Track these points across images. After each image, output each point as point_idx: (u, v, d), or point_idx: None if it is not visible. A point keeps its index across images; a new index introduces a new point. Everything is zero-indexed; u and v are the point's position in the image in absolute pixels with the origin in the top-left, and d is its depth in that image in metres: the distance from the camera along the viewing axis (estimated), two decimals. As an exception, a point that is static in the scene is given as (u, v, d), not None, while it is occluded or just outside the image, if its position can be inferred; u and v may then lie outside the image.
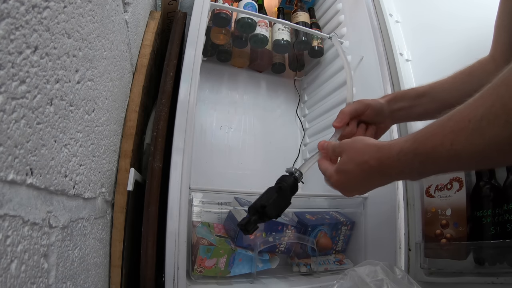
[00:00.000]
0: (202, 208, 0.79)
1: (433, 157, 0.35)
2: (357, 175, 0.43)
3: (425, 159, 0.35)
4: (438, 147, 0.34)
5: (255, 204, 0.44)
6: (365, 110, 0.56)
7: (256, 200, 0.45)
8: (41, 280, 0.27)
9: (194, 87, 0.63)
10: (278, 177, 0.49)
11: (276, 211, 0.44)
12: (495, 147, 0.29)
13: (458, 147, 0.32)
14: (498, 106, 0.28)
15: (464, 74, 0.54)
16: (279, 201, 0.44)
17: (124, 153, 0.56)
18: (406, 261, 0.68)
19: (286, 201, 0.45)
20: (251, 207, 0.44)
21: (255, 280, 0.68)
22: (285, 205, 0.45)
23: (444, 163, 0.34)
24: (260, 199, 0.45)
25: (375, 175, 0.41)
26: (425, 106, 0.56)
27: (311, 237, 0.78)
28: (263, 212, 0.43)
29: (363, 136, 0.46)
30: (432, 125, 0.36)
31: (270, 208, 0.43)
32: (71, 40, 0.31)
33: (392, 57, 0.82)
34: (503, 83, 0.29)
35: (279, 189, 0.45)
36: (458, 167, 0.39)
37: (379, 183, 0.43)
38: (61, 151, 0.31)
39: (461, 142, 0.32)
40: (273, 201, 0.43)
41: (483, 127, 0.30)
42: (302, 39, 1.01)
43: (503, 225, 0.55)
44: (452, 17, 0.73)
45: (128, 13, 0.56)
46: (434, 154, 0.34)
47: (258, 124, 1.10)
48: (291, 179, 0.47)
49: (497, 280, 0.54)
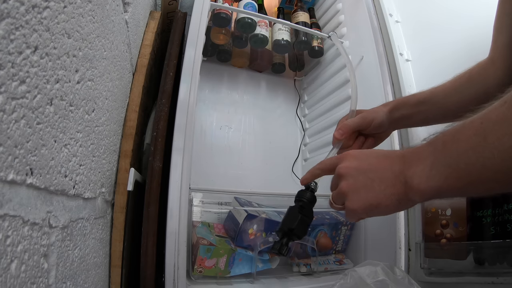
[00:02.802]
0: (202, 208, 0.79)
1: (458, 139, 0.32)
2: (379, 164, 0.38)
3: (452, 141, 0.32)
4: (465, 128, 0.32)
5: (283, 227, 0.47)
6: (367, 127, 0.55)
7: (282, 222, 0.48)
8: (41, 280, 0.27)
9: (194, 87, 0.62)
10: (278, 177, 0.49)
11: (304, 229, 0.46)
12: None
13: (487, 126, 0.30)
14: None
15: (464, 78, 0.53)
16: (305, 219, 0.46)
17: (124, 153, 0.56)
18: (406, 261, 0.68)
19: (310, 216, 0.47)
20: (279, 230, 0.47)
21: (255, 280, 0.68)
22: (310, 220, 0.48)
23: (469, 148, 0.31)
24: (286, 222, 0.47)
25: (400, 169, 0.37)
26: (427, 113, 0.55)
27: (311, 237, 0.78)
28: (292, 233, 0.46)
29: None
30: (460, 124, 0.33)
31: (298, 229, 0.46)
32: (71, 40, 0.31)
33: (392, 57, 0.82)
34: None
35: (301, 208, 0.47)
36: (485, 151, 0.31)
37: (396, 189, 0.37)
38: (61, 151, 0.31)
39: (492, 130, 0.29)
40: (299, 222, 0.46)
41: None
42: (302, 39, 1.01)
43: (503, 225, 0.55)
44: (452, 16, 0.73)
45: (128, 13, 0.56)
46: (460, 134, 0.32)
47: (258, 124, 1.10)
48: (308, 193, 0.48)
49: (497, 280, 0.54)
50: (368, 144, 0.56)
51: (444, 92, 0.54)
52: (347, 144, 0.55)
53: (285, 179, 1.06)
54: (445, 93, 0.54)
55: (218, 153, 1.01)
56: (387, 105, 0.58)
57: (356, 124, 0.54)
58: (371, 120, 0.54)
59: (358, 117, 0.55)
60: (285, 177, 1.06)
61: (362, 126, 0.54)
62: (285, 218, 0.47)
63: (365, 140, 0.56)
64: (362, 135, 0.56)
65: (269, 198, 0.85)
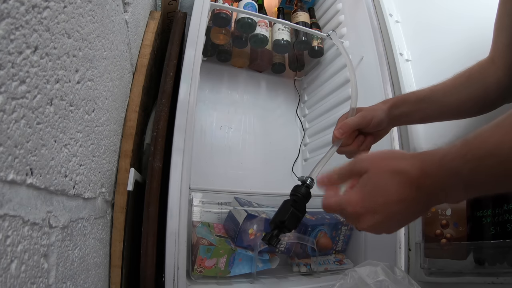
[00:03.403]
0: (202, 208, 0.79)
1: (488, 161, 0.29)
2: (390, 188, 0.32)
3: (478, 164, 0.29)
4: (495, 148, 0.28)
5: (275, 219, 0.48)
6: (367, 125, 0.55)
7: (275, 214, 0.49)
8: (41, 280, 0.27)
9: (194, 87, 0.62)
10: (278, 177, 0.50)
11: (294, 223, 0.48)
12: None
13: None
14: None
15: (464, 77, 0.53)
16: (296, 213, 0.48)
17: (124, 153, 0.56)
18: (406, 261, 0.68)
19: (302, 211, 0.49)
20: (272, 222, 0.49)
21: (255, 280, 0.68)
22: (302, 215, 0.49)
23: (502, 168, 0.28)
24: (278, 214, 0.48)
25: (415, 190, 0.32)
26: (426, 111, 0.55)
27: (311, 237, 0.78)
28: (283, 226, 0.47)
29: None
30: (482, 129, 0.31)
31: (289, 222, 0.47)
32: (71, 40, 0.31)
33: (392, 57, 0.82)
34: None
35: (294, 202, 0.48)
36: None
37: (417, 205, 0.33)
38: (61, 151, 0.31)
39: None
40: (290, 215, 0.47)
41: None
42: (302, 39, 1.01)
43: (503, 225, 0.55)
44: (452, 16, 0.73)
45: (128, 13, 0.56)
46: (490, 156, 0.29)
47: (258, 124, 1.10)
48: (303, 189, 0.49)
49: (497, 280, 0.54)
50: (368, 142, 0.56)
51: (444, 90, 0.54)
52: (346, 143, 0.55)
53: (285, 179, 1.06)
54: (444, 91, 0.54)
55: (218, 153, 1.01)
56: (386, 102, 0.58)
57: (355, 123, 0.54)
58: (371, 119, 0.54)
59: (357, 116, 0.55)
60: (285, 177, 1.06)
61: (362, 125, 0.54)
62: (278, 211, 0.49)
63: (364, 139, 0.56)
64: (362, 133, 0.57)
65: (269, 198, 0.85)
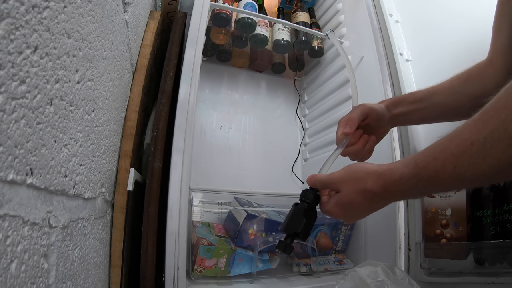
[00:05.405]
0: (202, 208, 0.79)
1: (436, 181, 0.35)
2: (361, 203, 0.43)
3: (428, 183, 0.36)
4: (440, 170, 0.34)
5: (288, 230, 0.48)
6: (369, 113, 0.55)
7: (286, 223, 0.49)
8: (41, 280, 0.27)
9: (194, 87, 0.62)
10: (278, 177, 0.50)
11: (308, 231, 0.48)
12: (498, 168, 0.30)
13: (461, 170, 0.33)
14: (501, 131, 0.29)
15: (462, 79, 0.53)
16: (309, 222, 0.48)
17: (124, 153, 0.56)
18: (406, 261, 0.68)
19: (314, 217, 0.49)
20: (284, 231, 0.49)
21: (255, 280, 0.68)
22: (314, 221, 0.49)
23: (447, 184, 0.35)
24: (291, 223, 0.48)
25: (379, 200, 0.43)
26: (424, 111, 0.56)
27: (311, 237, 0.78)
28: (297, 237, 0.48)
29: (354, 164, 0.46)
30: (432, 147, 0.37)
31: (303, 233, 0.47)
32: (71, 40, 0.31)
33: (392, 57, 0.82)
34: (504, 107, 0.30)
35: (306, 212, 0.48)
36: (461, 186, 0.43)
37: (381, 206, 0.44)
38: (61, 151, 0.31)
39: (464, 165, 0.32)
40: (304, 225, 0.47)
41: (486, 150, 0.31)
42: (302, 39, 1.01)
43: (503, 225, 0.55)
44: (452, 16, 0.73)
45: (128, 13, 0.56)
46: (437, 177, 0.35)
47: (258, 124, 1.10)
48: (313, 194, 0.49)
49: (497, 280, 0.54)
50: (371, 142, 0.57)
51: (442, 92, 0.54)
52: (352, 142, 0.55)
53: (285, 179, 1.06)
54: (442, 93, 0.54)
55: (218, 153, 1.01)
56: (383, 101, 0.59)
57: (358, 115, 0.55)
58: (371, 107, 0.55)
59: (357, 107, 0.56)
60: (285, 177, 1.06)
61: (365, 113, 0.55)
62: (289, 221, 0.48)
63: (368, 139, 0.57)
64: (365, 133, 0.57)
65: (269, 198, 0.85)
